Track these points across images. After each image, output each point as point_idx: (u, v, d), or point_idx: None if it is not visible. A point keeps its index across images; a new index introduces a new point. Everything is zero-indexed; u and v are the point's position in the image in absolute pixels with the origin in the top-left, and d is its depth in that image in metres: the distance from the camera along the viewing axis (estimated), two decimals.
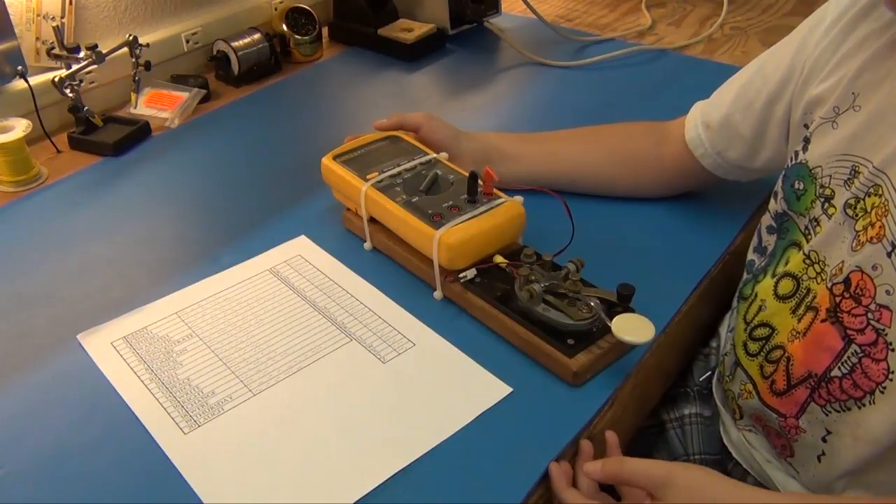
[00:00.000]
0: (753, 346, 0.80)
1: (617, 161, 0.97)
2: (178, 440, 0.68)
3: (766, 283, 0.80)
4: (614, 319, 0.72)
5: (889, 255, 0.66)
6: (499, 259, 0.81)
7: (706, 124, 0.91)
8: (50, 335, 0.80)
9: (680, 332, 0.85)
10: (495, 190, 0.84)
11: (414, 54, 1.39)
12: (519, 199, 0.83)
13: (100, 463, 0.67)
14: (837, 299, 0.70)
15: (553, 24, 1.47)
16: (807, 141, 0.76)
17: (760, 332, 0.80)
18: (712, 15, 1.54)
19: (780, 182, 0.81)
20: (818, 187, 0.75)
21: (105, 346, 0.78)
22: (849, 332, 0.70)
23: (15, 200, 1.02)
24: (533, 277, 0.76)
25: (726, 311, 1.00)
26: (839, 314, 0.70)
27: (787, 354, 0.75)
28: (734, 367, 0.83)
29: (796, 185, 0.78)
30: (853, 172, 0.71)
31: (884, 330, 0.67)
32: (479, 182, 0.83)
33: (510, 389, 0.72)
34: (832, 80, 0.75)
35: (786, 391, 0.76)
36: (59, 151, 1.12)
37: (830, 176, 0.73)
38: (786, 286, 0.77)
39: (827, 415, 0.72)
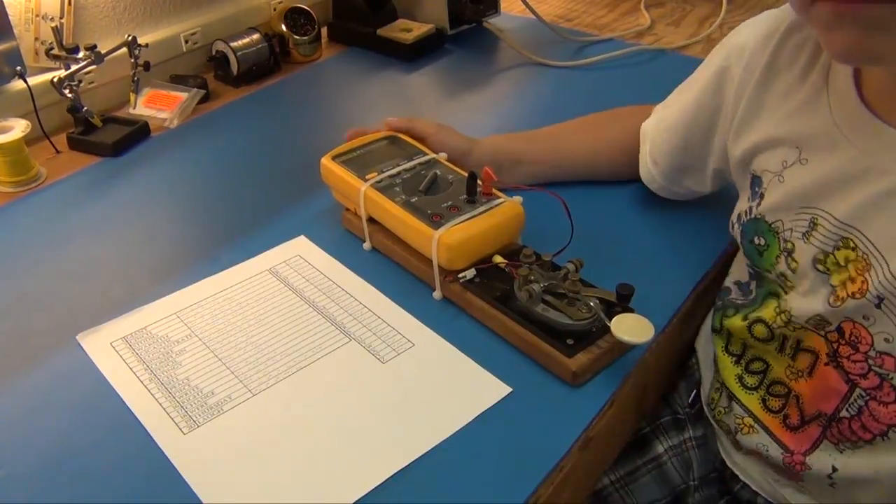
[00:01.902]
0: (751, 380, 0.79)
1: (622, 155, 0.98)
2: (178, 440, 0.68)
3: (738, 324, 0.79)
4: (613, 319, 0.71)
5: (878, 306, 0.65)
6: (498, 259, 0.80)
7: (654, 161, 0.93)
8: (49, 335, 0.80)
9: (680, 332, 0.85)
10: (494, 190, 0.84)
11: (413, 54, 1.39)
12: (518, 199, 0.83)
13: (100, 464, 0.66)
14: (835, 345, 0.69)
15: (552, 24, 1.47)
16: (761, 197, 0.75)
17: (756, 365, 0.79)
18: (711, 15, 1.54)
19: (738, 236, 0.79)
20: (781, 241, 0.73)
21: (104, 347, 0.78)
22: (851, 376, 0.69)
23: (14, 201, 1.02)
24: (532, 277, 0.76)
25: None
26: (839, 359, 0.69)
27: (794, 393, 0.75)
28: (729, 400, 0.82)
29: (756, 241, 0.75)
30: (811, 225, 0.69)
31: (888, 375, 0.66)
32: (478, 182, 0.83)
33: (510, 389, 0.72)
34: (769, 131, 0.74)
35: (800, 426, 0.74)
36: (58, 152, 1.12)
37: (791, 229, 0.71)
38: (760, 331, 0.76)
39: (841, 452, 0.72)
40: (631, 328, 0.71)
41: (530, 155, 0.98)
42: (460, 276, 0.79)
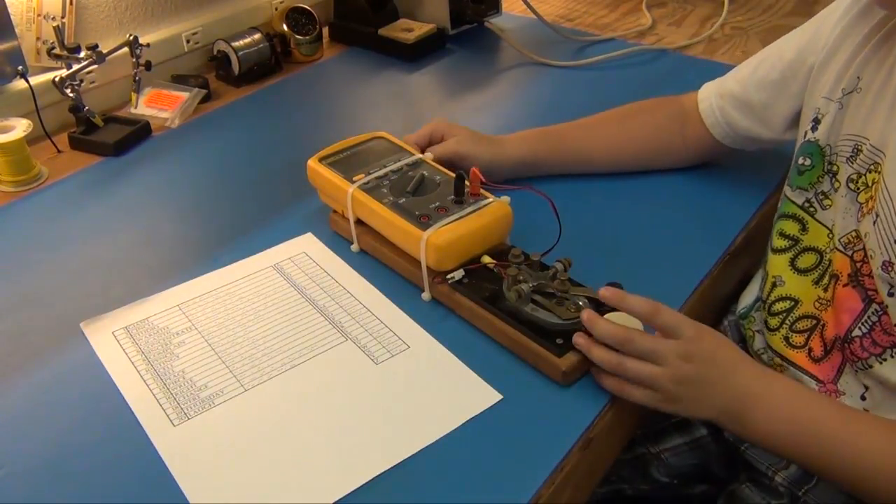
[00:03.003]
0: (773, 321, 0.85)
1: (648, 151, 1.02)
2: (167, 431, 0.69)
3: (775, 260, 0.85)
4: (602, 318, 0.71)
5: (874, 223, 0.72)
6: (486, 259, 0.81)
7: (720, 94, 0.95)
8: (50, 335, 0.80)
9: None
10: (482, 190, 0.84)
11: (414, 54, 1.39)
12: (506, 199, 0.84)
13: (99, 464, 0.67)
14: (858, 264, 0.75)
15: (553, 24, 1.47)
16: (817, 122, 0.81)
17: (780, 306, 0.84)
18: (713, 15, 1.54)
19: (791, 170, 0.86)
20: (826, 164, 0.80)
21: (106, 336, 0.79)
22: (869, 292, 0.74)
23: (15, 200, 1.03)
24: (521, 277, 0.76)
25: (725, 312, 1.00)
26: (860, 277, 0.75)
27: (822, 322, 0.80)
28: (765, 346, 0.87)
29: (801, 161, 0.83)
30: (855, 150, 0.76)
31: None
32: (466, 182, 0.83)
33: (500, 397, 0.72)
34: (842, 64, 0.80)
35: (823, 357, 0.80)
36: (59, 151, 1.13)
37: (837, 154, 0.79)
38: (808, 260, 0.82)
39: (855, 373, 0.77)
40: None
41: (553, 157, 1.01)
42: (449, 276, 0.79)
